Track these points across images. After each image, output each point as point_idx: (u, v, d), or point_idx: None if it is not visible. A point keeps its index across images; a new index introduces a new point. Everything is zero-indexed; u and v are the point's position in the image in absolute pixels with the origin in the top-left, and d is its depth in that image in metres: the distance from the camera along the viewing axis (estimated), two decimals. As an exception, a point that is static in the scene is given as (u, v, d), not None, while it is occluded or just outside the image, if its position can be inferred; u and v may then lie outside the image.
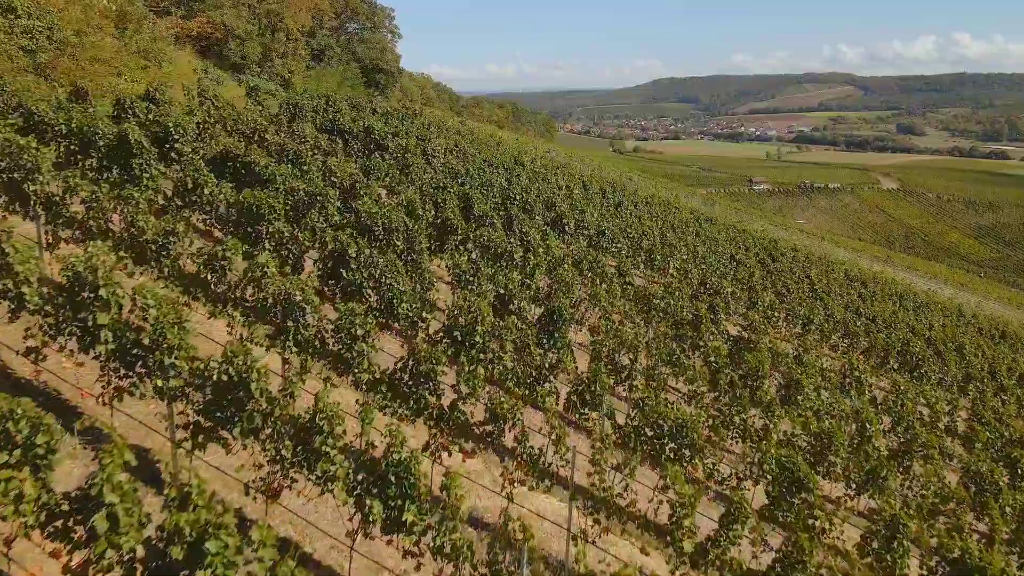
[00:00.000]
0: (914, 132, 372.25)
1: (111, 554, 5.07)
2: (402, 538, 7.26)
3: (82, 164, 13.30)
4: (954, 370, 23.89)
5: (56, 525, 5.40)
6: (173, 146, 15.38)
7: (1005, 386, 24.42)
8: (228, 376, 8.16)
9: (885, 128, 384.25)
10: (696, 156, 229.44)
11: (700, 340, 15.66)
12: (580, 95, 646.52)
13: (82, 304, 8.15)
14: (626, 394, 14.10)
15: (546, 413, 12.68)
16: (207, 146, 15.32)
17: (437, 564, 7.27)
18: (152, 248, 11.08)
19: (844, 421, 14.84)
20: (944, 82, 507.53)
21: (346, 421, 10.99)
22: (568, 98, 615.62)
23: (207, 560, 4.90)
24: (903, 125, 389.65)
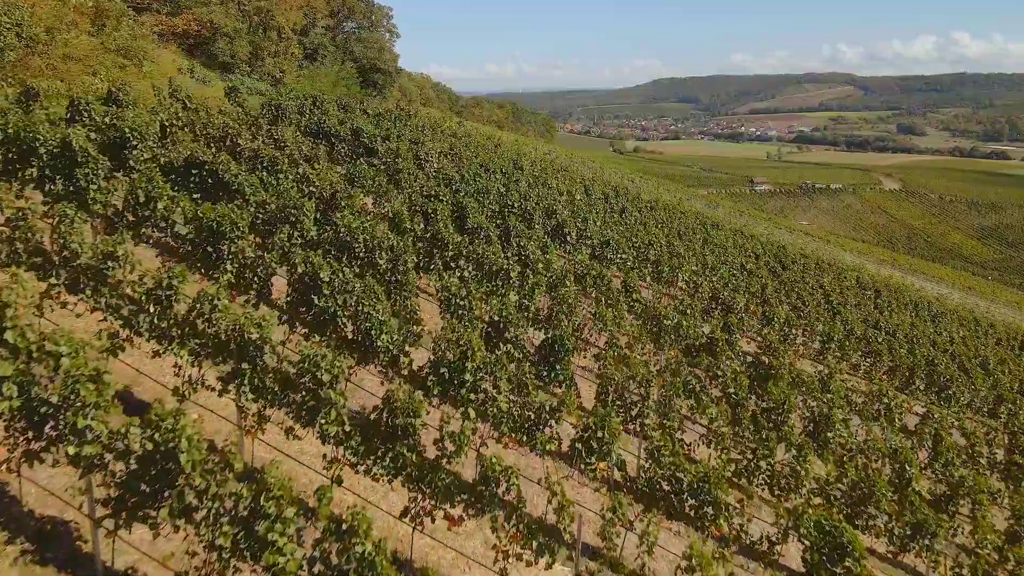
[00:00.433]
0: (914, 132, 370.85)
1: None
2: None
3: (21, 175, 11.71)
4: (983, 390, 22.32)
5: None
6: (132, 153, 13.80)
7: (1036, 406, 22.83)
8: (153, 444, 6.59)
9: (885, 128, 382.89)
10: (696, 156, 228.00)
11: (717, 367, 14.08)
12: (580, 95, 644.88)
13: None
14: (636, 430, 12.53)
15: (546, 459, 11.12)
16: (170, 152, 13.73)
17: None
18: (88, 274, 9.50)
19: (880, 460, 13.28)
20: (944, 82, 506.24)
21: (311, 480, 9.45)
22: (568, 98, 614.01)
23: None
24: (903, 125, 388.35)
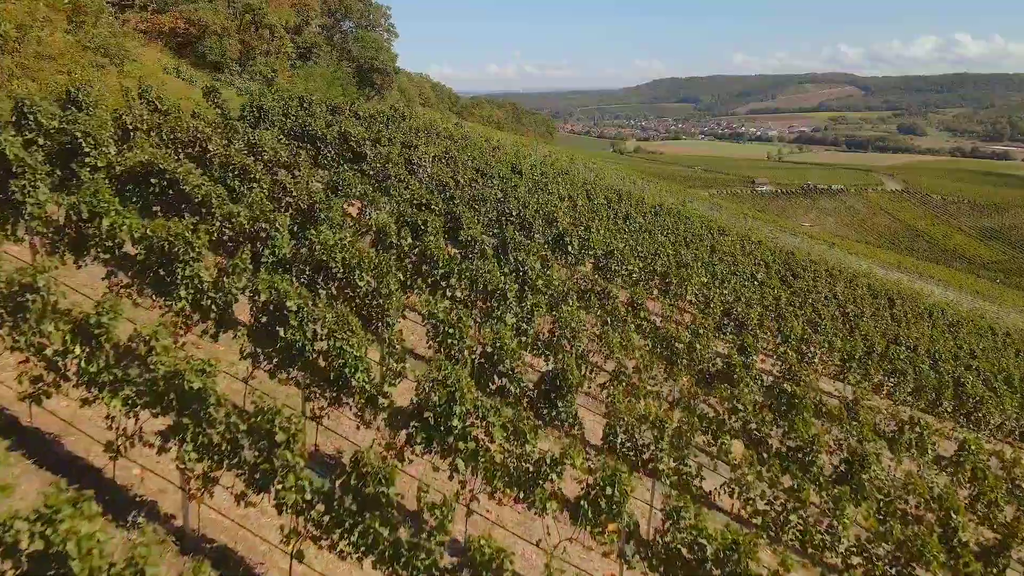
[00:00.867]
0: (915, 132, 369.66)
1: None
2: None
3: (-52, 187, 10.27)
4: (1012, 410, 20.90)
5: None
6: (84, 161, 12.36)
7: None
8: (44, 542, 5.15)
9: (886, 128, 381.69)
10: (697, 156, 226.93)
11: (737, 399, 12.63)
12: (580, 95, 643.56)
13: None
14: (649, 471, 11.09)
15: (547, 514, 9.67)
16: (127, 160, 12.28)
17: None
18: (7, 307, 8.06)
19: (922, 504, 11.84)
20: (945, 82, 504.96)
21: (269, 552, 8.01)
22: (568, 98, 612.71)
23: None
24: (904, 125, 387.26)
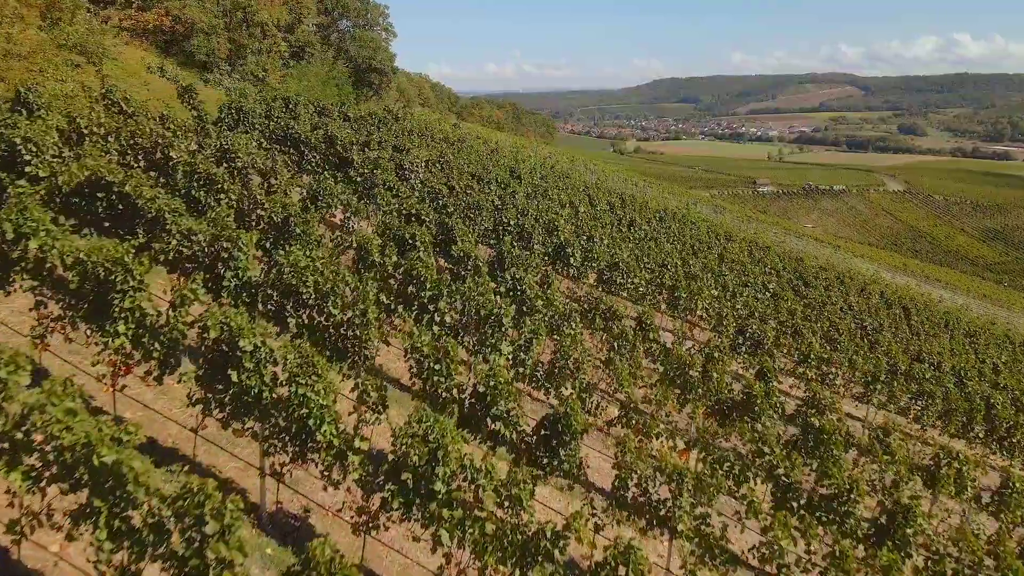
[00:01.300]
0: (916, 132, 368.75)
1: None
2: None
3: None
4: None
5: None
6: (24, 170, 10.93)
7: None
8: None
9: (886, 128, 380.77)
10: (697, 157, 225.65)
11: (762, 440, 11.18)
12: (580, 95, 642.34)
13: None
14: (666, 530, 9.64)
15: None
16: (72, 170, 10.83)
17: None
18: None
19: (975, 564, 10.39)
20: (945, 82, 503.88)
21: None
22: (569, 98, 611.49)
23: None
24: (905, 125, 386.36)
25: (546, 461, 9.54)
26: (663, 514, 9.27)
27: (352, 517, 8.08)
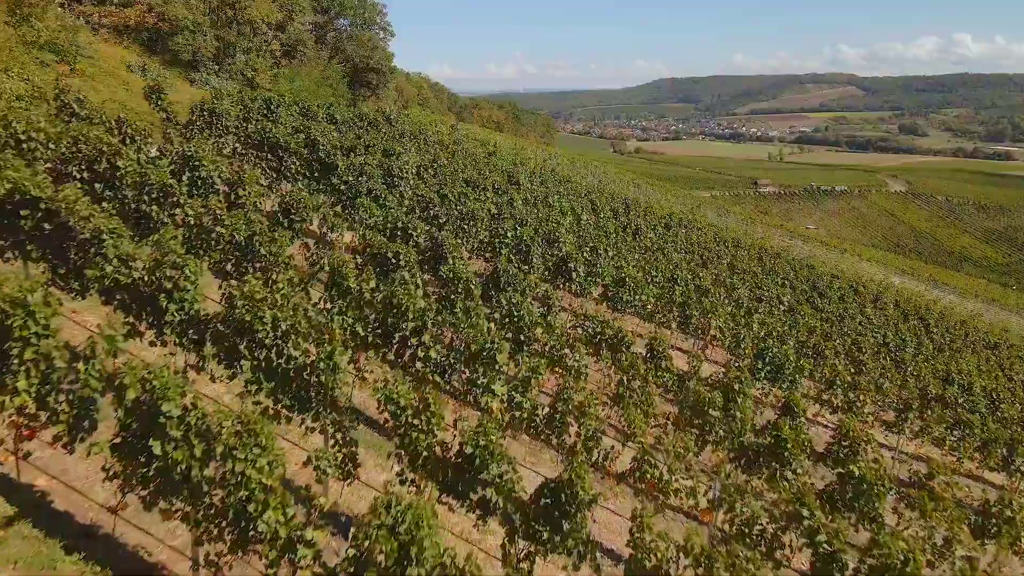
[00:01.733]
0: (916, 133, 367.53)
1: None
2: None
3: None
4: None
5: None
6: (-65, 184, 9.32)
7: None
8: None
9: (887, 129, 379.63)
10: (698, 157, 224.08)
11: (800, 502, 9.55)
12: (581, 95, 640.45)
13: None
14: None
15: None
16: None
17: None
18: None
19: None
20: (946, 82, 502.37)
21: None
22: (569, 98, 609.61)
23: None
24: (905, 126, 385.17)
25: (547, 536, 7.94)
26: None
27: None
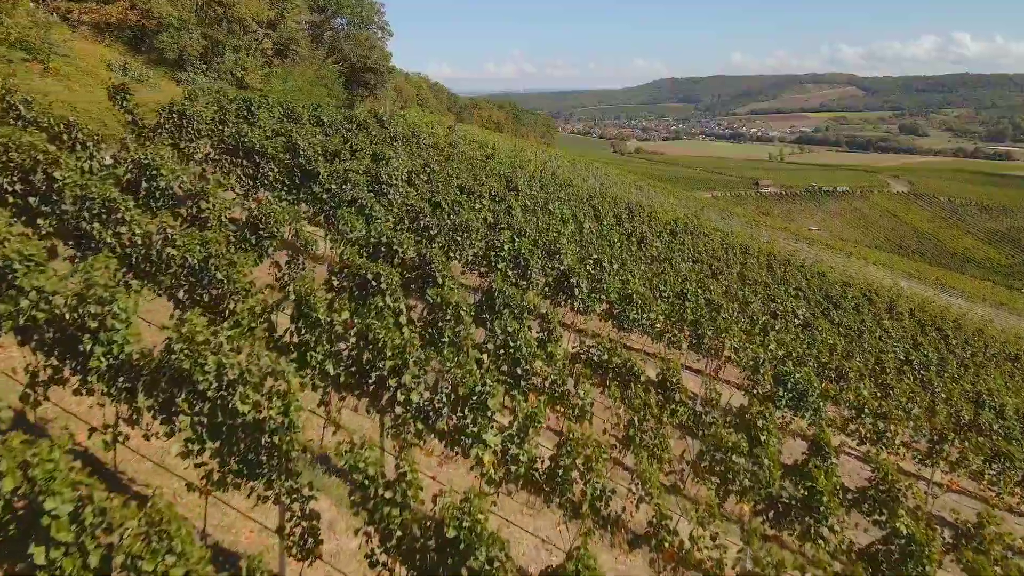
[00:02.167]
0: (917, 133, 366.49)
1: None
2: None
3: None
4: None
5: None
6: None
7: None
8: None
9: (887, 129, 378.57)
10: (698, 157, 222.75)
11: (836, 561, 8.08)
12: (581, 95, 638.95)
13: None
14: None
15: None
16: None
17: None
18: None
19: None
20: (946, 82, 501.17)
21: None
22: (569, 98, 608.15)
23: None
24: (906, 126, 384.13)
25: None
26: None
27: None
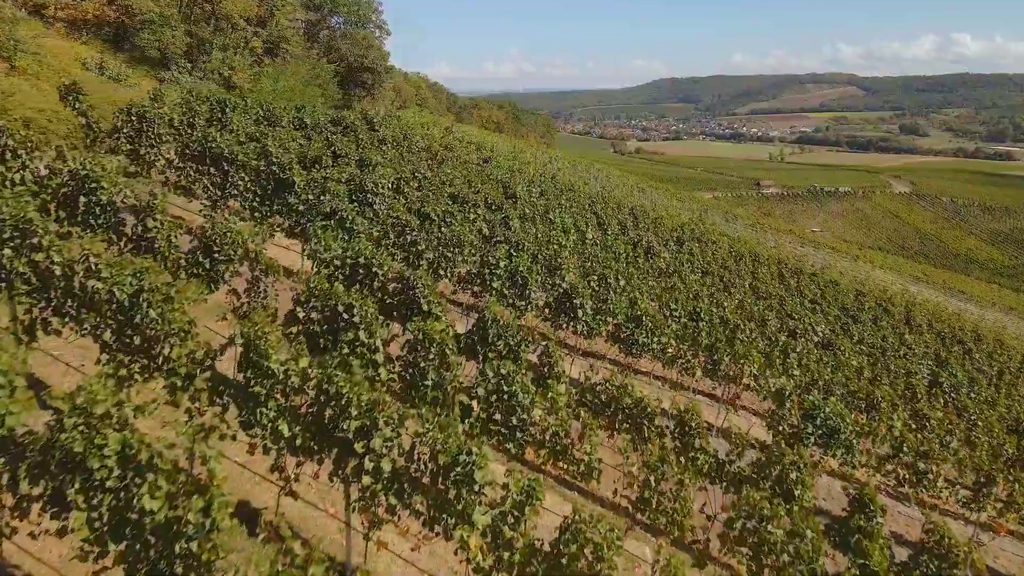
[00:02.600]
0: (917, 133, 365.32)
1: None
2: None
3: None
4: None
5: None
6: None
7: None
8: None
9: (888, 129, 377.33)
10: (698, 157, 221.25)
11: None
12: (581, 95, 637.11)
13: None
14: None
15: None
16: None
17: None
18: None
19: None
20: (946, 82, 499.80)
21: None
22: (569, 98, 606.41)
23: None
24: (906, 126, 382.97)
25: None
26: None
27: None
